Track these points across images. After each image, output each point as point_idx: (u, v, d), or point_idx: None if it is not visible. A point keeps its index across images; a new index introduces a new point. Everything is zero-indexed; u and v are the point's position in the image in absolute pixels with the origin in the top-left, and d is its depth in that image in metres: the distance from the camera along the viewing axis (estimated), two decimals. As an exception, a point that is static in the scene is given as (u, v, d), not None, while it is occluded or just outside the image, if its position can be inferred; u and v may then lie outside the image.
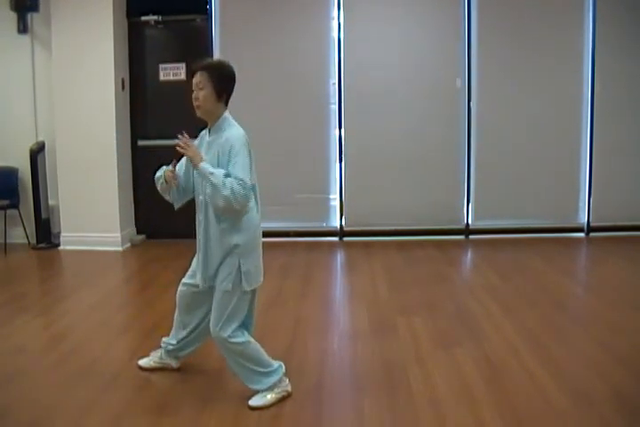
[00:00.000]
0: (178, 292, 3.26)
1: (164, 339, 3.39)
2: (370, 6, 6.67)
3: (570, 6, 6.60)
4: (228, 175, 2.80)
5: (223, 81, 2.93)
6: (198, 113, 2.96)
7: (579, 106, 6.71)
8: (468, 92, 6.69)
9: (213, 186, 2.77)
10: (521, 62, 6.64)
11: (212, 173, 2.79)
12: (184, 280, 3.24)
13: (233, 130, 2.94)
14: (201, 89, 2.89)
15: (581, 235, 6.80)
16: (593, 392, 3.06)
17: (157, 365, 3.41)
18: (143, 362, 3.45)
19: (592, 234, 6.77)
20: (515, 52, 6.63)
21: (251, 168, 2.89)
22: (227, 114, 3.00)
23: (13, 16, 6.53)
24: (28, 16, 6.59)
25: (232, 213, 2.88)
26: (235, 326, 2.95)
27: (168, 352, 3.38)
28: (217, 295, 2.98)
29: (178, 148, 2.90)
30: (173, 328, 3.35)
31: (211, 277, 3.00)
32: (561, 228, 6.80)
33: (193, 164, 2.89)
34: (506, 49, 6.64)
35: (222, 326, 2.93)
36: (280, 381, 3.04)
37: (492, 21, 6.62)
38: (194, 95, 2.91)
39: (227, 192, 2.75)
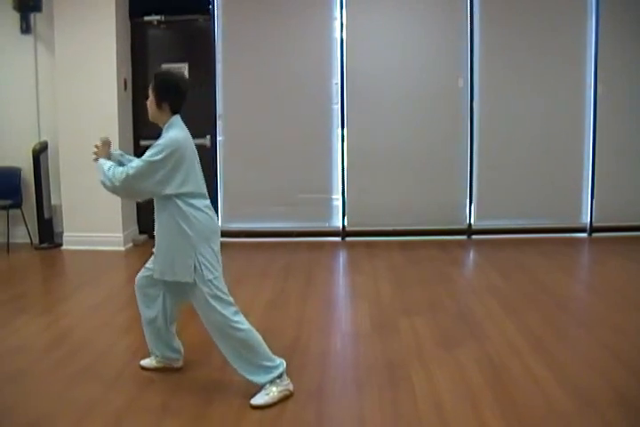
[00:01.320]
0: (135, 284, 3.38)
1: (151, 350, 3.42)
2: (372, 6, 6.67)
3: (572, 6, 6.60)
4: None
5: (163, 90, 3.05)
6: (149, 117, 3.13)
7: (581, 106, 6.71)
8: (471, 91, 6.68)
9: (103, 172, 3.08)
10: (523, 62, 6.64)
11: (99, 168, 3.12)
12: (140, 273, 3.37)
13: (169, 133, 3.02)
14: (147, 97, 3.09)
15: (584, 235, 6.79)
16: (595, 393, 3.06)
17: (159, 365, 3.41)
18: (145, 362, 3.45)
19: (594, 234, 6.77)
20: (517, 52, 6.63)
21: (175, 174, 2.95)
22: (173, 119, 3.07)
23: (16, 16, 6.54)
24: (31, 16, 6.59)
25: (128, 196, 3.35)
26: (232, 309, 3.02)
27: (164, 357, 3.40)
28: (188, 289, 3.06)
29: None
30: (149, 341, 3.39)
31: (167, 271, 3.10)
32: (563, 228, 6.79)
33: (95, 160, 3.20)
34: (508, 49, 6.63)
35: (214, 311, 2.98)
36: (282, 379, 3.04)
37: (494, 21, 6.62)
38: (147, 102, 3.11)
39: (102, 178, 3.07)
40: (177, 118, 3.08)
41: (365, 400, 3.04)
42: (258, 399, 2.98)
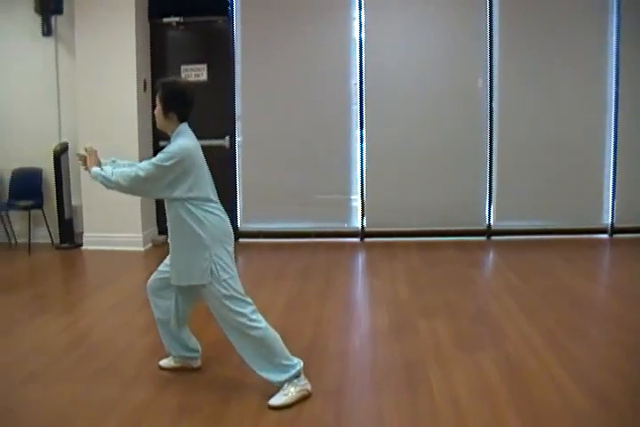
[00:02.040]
0: (147, 287, 3.44)
1: (168, 350, 3.43)
2: (391, 7, 6.65)
3: (593, 5, 6.53)
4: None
5: (169, 99, 3.06)
6: (157, 126, 3.18)
7: (603, 106, 6.64)
8: (490, 91, 6.64)
9: (102, 184, 3.02)
10: (543, 62, 6.58)
11: (97, 175, 3.03)
12: (153, 276, 3.42)
13: (177, 140, 3.04)
14: (155, 106, 3.11)
15: (605, 236, 6.71)
16: (613, 393, 3.03)
17: (178, 364, 3.42)
18: (164, 362, 3.47)
19: (616, 235, 6.69)
20: (537, 52, 6.58)
21: (183, 180, 2.97)
22: (181, 127, 3.08)
23: (38, 19, 6.61)
24: (52, 19, 6.66)
25: (139, 194, 3.42)
26: (251, 308, 3.03)
27: (183, 357, 3.41)
28: (206, 294, 3.06)
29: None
30: (164, 342, 3.40)
31: (183, 275, 3.11)
32: (584, 229, 6.72)
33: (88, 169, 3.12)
34: (528, 49, 6.58)
35: (236, 310, 2.98)
36: (299, 379, 3.04)
37: (514, 21, 6.57)
38: (155, 110, 3.13)
39: (114, 178, 2.98)
40: (185, 126, 3.10)
41: (383, 401, 3.02)
42: (276, 400, 2.98)
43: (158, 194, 3.05)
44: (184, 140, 3.03)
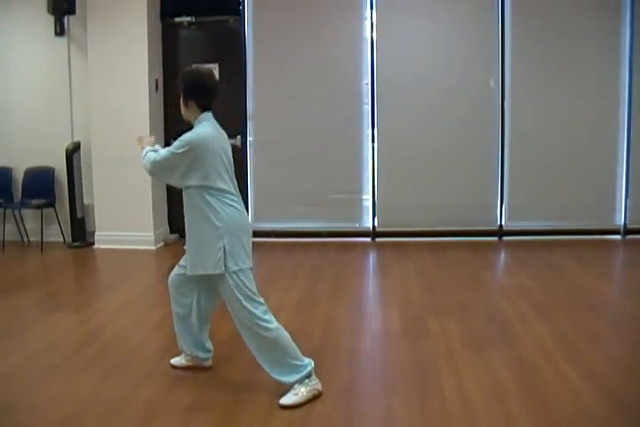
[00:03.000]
0: (168, 281, 3.38)
1: (181, 348, 3.41)
2: (402, 7, 6.64)
3: (606, 5, 6.49)
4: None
5: (188, 88, 3.08)
6: (183, 116, 3.18)
7: (616, 106, 6.60)
8: (502, 92, 6.61)
9: (141, 157, 3.14)
10: (555, 62, 6.55)
11: (143, 155, 3.14)
12: (174, 271, 3.35)
13: (195, 129, 3.06)
14: (177, 97, 3.14)
15: (618, 237, 6.67)
16: (625, 395, 3.01)
17: (189, 363, 3.43)
18: (175, 361, 3.47)
19: (629, 236, 6.65)
20: (549, 52, 6.55)
21: (194, 169, 2.99)
22: (203, 116, 3.10)
23: (50, 19, 6.64)
24: (65, 19, 6.69)
25: (159, 179, 3.33)
26: (262, 308, 3.02)
27: (194, 356, 3.41)
28: (220, 285, 3.06)
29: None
30: (180, 339, 3.38)
31: (198, 264, 3.09)
32: (597, 230, 6.69)
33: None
34: (540, 49, 6.56)
35: (247, 310, 2.97)
36: (310, 379, 3.04)
37: (525, 21, 6.55)
38: None
39: (145, 160, 3.11)
40: (207, 115, 3.09)
41: (394, 401, 3.02)
42: (287, 399, 2.98)
43: (174, 181, 3.07)
44: (201, 129, 3.04)
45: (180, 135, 3.04)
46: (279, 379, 3.02)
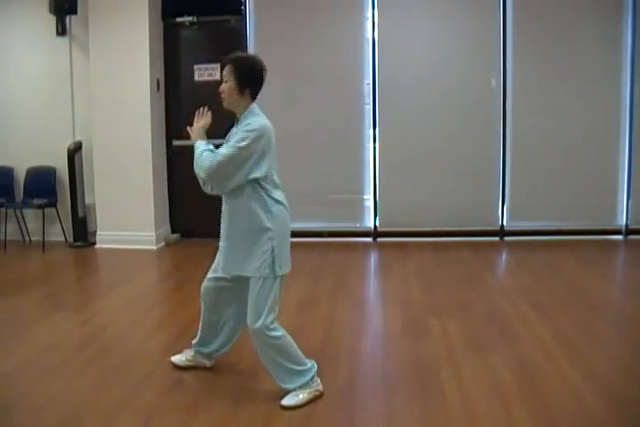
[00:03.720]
0: (202, 289, 3.28)
1: (194, 344, 3.39)
2: (404, 7, 6.64)
3: (607, 6, 6.47)
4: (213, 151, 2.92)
5: (246, 74, 2.95)
6: (224, 104, 3.00)
7: (617, 106, 6.59)
8: (503, 92, 6.61)
9: (196, 159, 2.92)
10: (557, 62, 6.54)
11: (197, 147, 2.95)
12: (208, 275, 3.25)
13: (254, 119, 2.94)
14: (226, 82, 2.95)
15: (619, 237, 6.67)
16: (625, 395, 3.01)
17: (190, 363, 3.42)
18: (176, 359, 3.46)
19: (630, 237, 6.64)
20: (550, 52, 6.54)
21: (262, 159, 2.91)
22: (253, 106, 3.00)
23: (52, 19, 6.65)
24: (67, 19, 6.70)
25: (218, 184, 2.94)
26: (272, 317, 2.94)
27: (201, 354, 3.40)
28: (251, 286, 2.95)
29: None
30: (200, 330, 3.36)
31: (236, 264, 2.99)
32: (598, 230, 6.68)
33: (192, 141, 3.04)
34: (541, 49, 6.55)
35: (258, 317, 2.90)
36: (312, 380, 3.03)
37: (527, 20, 6.54)
38: (220, 88, 2.97)
39: (199, 162, 2.90)
40: (256, 106, 3.02)
41: (395, 401, 3.02)
42: (288, 400, 2.97)
43: (238, 178, 2.87)
44: (260, 119, 2.95)
45: (231, 127, 3.01)
46: (284, 387, 3.01)
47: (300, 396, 2.99)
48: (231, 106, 2.99)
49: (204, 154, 2.90)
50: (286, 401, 2.97)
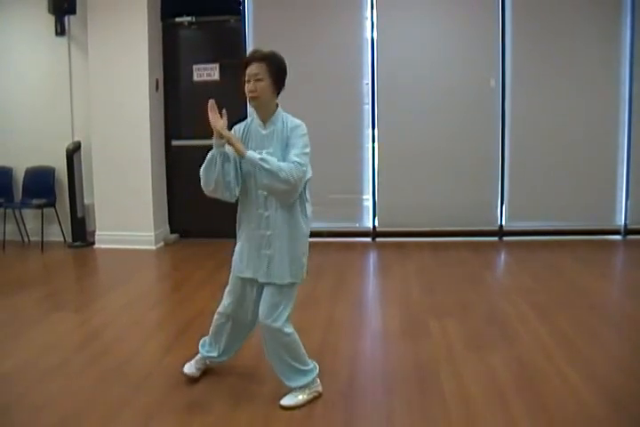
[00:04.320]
0: (215, 321, 3.18)
1: (204, 354, 3.30)
2: (403, 7, 6.64)
3: (607, 5, 6.48)
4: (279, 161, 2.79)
5: (281, 73, 2.90)
6: (253, 104, 2.90)
7: (616, 106, 6.59)
8: (502, 91, 6.61)
9: (269, 172, 2.71)
10: (556, 62, 6.55)
11: (263, 160, 2.73)
12: (222, 311, 3.14)
13: (296, 121, 2.92)
14: (259, 80, 2.83)
15: (618, 237, 6.67)
16: (625, 395, 3.01)
17: (203, 368, 3.31)
18: (192, 372, 3.26)
19: (629, 237, 6.64)
20: (549, 52, 6.54)
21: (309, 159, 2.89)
22: (281, 109, 2.95)
23: (51, 19, 6.65)
24: (66, 19, 6.70)
25: (293, 196, 2.85)
26: (287, 315, 2.96)
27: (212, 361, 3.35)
28: (276, 289, 2.93)
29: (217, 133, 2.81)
30: (208, 342, 3.29)
31: (273, 272, 2.94)
32: (597, 230, 6.68)
33: (239, 153, 2.77)
34: (541, 49, 6.55)
35: (278, 316, 2.91)
36: (313, 381, 3.03)
37: (526, 20, 6.54)
38: (250, 86, 2.84)
39: (284, 175, 2.71)
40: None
41: (394, 402, 3.02)
42: (287, 400, 2.97)
43: (302, 183, 2.85)
44: (297, 120, 2.94)
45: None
46: (287, 384, 3.01)
47: (300, 397, 2.99)
48: (262, 105, 2.89)
49: (283, 164, 2.75)
50: (286, 401, 2.97)
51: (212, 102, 2.89)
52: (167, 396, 3.11)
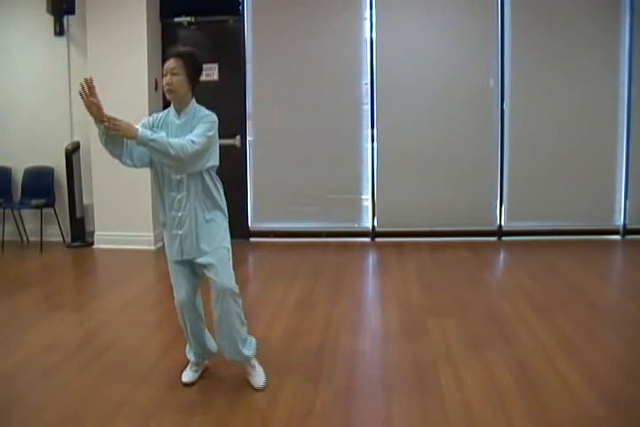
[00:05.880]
0: (179, 308, 3.21)
1: (191, 358, 3.33)
2: (402, 7, 6.64)
3: (605, 6, 6.49)
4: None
5: (196, 69, 3.09)
6: (169, 96, 3.06)
7: (615, 106, 6.60)
8: (501, 92, 6.62)
9: (159, 151, 2.86)
10: (555, 62, 6.55)
11: (153, 140, 2.85)
12: (180, 297, 3.17)
13: (206, 111, 3.08)
14: (175, 74, 3.01)
15: (617, 237, 6.68)
16: (626, 397, 3.00)
17: (199, 372, 3.33)
18: (188, 378, 3.27)
19: (628, 236, 6.65)
20: (548, 52, 6.55)
21: (215, 150, 3.07)
22: (194, 101, 3.11)
23: (50, 19, 6.65)
24: (65, 19, 6.70)
25: (186, 170, 2.99)
26: (233, 274, 3.12)
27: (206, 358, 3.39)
28: (217, 256, 3.07)
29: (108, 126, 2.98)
30: (188, 345, 3.33)
31: (197, 248, 3.10)
32: (596, 230, 6.69)
33: (129, 136, 2.90)
34: (539, 49, 6.56)
35: (233, 279, 3.07)
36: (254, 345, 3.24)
37: (525, 20, 6.55)
38: (167, 80, 3.02)
39: (173, 151, 2.85)
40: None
41: (393, 402, 3.02)
42: (258, 379, 3.13)
43: (200, 165, 3.00)
44: (209, 111, 3.09)
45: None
46: (246, 354, 3.13)
47: (257, 368, 3.17)
48: (178, 98, 3.05)
49: (175, 141, 2.88)
50: (258, 381, 3.12)
51: (88, 81, 3.12)
52: (166, 395, 3.11)
